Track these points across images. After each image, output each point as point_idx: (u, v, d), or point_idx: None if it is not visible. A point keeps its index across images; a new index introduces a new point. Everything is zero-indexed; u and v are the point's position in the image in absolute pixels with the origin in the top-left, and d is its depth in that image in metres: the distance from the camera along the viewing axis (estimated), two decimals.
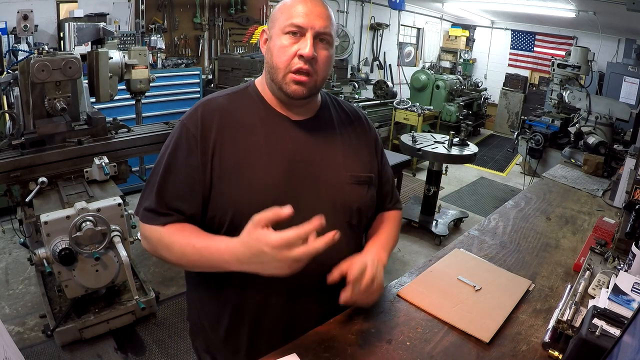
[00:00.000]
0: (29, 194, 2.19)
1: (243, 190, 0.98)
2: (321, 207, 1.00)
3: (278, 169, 1.00)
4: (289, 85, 0.98)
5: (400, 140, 4.07)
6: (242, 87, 1.11)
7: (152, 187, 1.01)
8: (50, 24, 4.03)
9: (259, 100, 1.06)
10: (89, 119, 2.56)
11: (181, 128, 1.02)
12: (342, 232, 1.03)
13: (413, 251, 3.73)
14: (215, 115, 1.01)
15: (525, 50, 8.50)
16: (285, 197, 0.97)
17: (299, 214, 0.97)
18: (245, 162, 0.99)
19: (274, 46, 0.98)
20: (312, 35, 0.95)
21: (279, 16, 0.98)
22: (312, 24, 0.95)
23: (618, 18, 5.42)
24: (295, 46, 0.96)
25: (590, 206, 2.11)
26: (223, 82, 5.05)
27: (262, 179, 0.98)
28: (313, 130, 1.06)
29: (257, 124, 1.03)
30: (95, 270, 2.14)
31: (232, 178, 0.98)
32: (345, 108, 1.17)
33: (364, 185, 1.10)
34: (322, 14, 0.97)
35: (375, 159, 1.17)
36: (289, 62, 0.96)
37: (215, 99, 1.06)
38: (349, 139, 1.12)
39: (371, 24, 7.33)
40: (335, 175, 1.06)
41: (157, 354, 2.35)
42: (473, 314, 1.15)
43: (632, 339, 0.70)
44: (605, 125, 3.98)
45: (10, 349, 0.75)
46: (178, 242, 0.95)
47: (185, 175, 0.98)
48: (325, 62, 0.99)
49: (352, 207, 1.08)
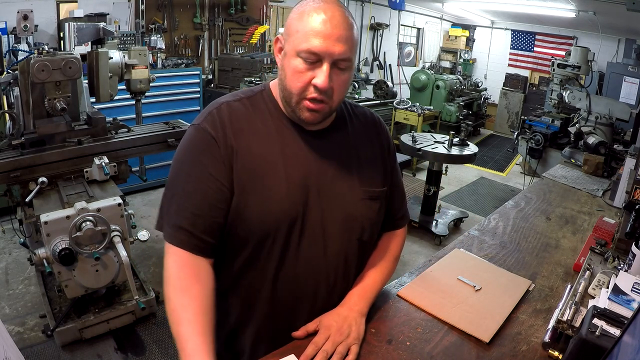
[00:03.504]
0: (29, 194, 2.18)
1: (257, 204, 0.93)
2: (333, 223, 0.99)
3: (293, 184, 0.95)
4: (303, 111, 0.92)
5: (400, 140, 4.07)
6: (256, 91, 1.03)
7: (180, 202, 0.93)
8: (50, 24, 4.04)
9: (274, 107, 1.00)
10: (89, 119, 2.56)
11: (199, 131, 0.95)
12: (352, 248, 1.04)
13: (413, 251, 3.73)
14: (229, 120, 0.95)
15: (525, 50, 8.50)
16: (299, 212, 0.95)
17: (310, 229, 0.97)
18: (260, 173, 0.94)
19: (287, 66, 0.91)
20: (330, 63, 0.87)
21: (294, 30, 0.89)
22: (330, 50, 0.86)
23: (618, 18, 5.42)
24: (310, 73, 0.88)
25: (590, 206, 2.11)
26: (223, 82, 5.05)
27: (277, 193, 0.94)
28: (327, 142, 1.01)
29: (272, 133, 0.97)
30: (95, 270, 2.13)
31: (245, 190, 0.93)
32: (360, 115, 1.11)
33: (376, 200, 1.05)
34: (342, 37, 0.87)
35: (389, 168, 1.11)
36: (303, 90, 0.90)
37: (229, 102, 0.99)
38: (364, 151, 1.06)
39: (371, 24, 7.33)
40: (349, 190, 1.01)
41: (157, 354, 2.35)
42: (473, 314, 1.15)
43: (632, 339, 0.70)
44: (605, 125, 3.98)
45: (10, 349, 0.75)
46: (174, 305, 0.88)
47: (218, 185, 0.92)
48: (341, 86, 0.92)
49: (364, 224, 1.04)
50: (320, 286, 1.02)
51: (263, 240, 0.95)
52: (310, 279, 1.00)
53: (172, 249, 0.92)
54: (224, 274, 1.01)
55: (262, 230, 0.94)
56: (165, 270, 0.92)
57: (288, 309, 1.02)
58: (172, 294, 0.89)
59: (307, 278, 1.00)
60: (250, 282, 1.00)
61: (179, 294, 0.89)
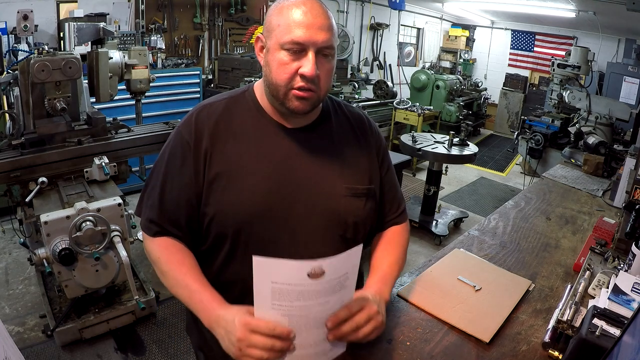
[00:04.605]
0: (29, 194, 2.18)
1: (229, 199, 0.96)
2: (313, 219, 0.99)
3: (265, 178, 0.97)
4: (292, 101, 0.93)
5: (400, 140, 4.07)
6: (239, 92, 1.07)
7: (153, 197, 1.03)
8: (50, 24, 4.03)
9: (255, 106, 1.03)
10: (89, 119, 2.56)
11: (176, 135, 1.02)
12: (335, 245, 1.02)
13: (413, 251, 3.74)
14: (208, 123, 0.99)
15: (525, 50, 8.50)
16: (275, 207, 0.96)
17: (290, 225, 0.98)
18: (233, 171, 0.97)
19: (272, 61, 0.92)
20: (314, 51, 0.89)
21: (275, 25, 0.91)
22: (313, 39, 0.88)
23: (618, 18, 5.42)
24: (295, 63, 0.90)
25: (590, 206, 2.11)
26: (223, 82, 5.05)
27: (248, 188, 0.96)
28: (309, 138, 1.02)
29: (249, 131, 1.00)
30: (95, 270, 2.13)
31: (219, 188, 0.97)
32: (347, 113, 1.12)
33: (361, 197, 1.04)
34: (324, 25, 0.89)
35: (377, 167, 1.11)
36: (290, 80, 0.91)
37: (211, 104, 1.03)
38: (349, 148, 1.06)
39: (371, 24, 7.33)
40: (330, 187, 1.01)
41: (157, 354, 2.35)
42: (473, 314, 1.15)
43: (632, 339, 0.70)
44: (605, 125, 3.98)
45: (10, 349, 0.75)
46: (173, 274, 0.98)
47: (182, 186, 0.99)
48: (327, 74, 0.94)
49: (348, 221, 1.02)
50: None
51: (238, 233, 0.97)
52: None
53: (148, 238, 1.03)
54: (209, 268, 1.03)
55: (235, 224, 0.97)
56: (149, 254, 1.03)
57: None
58: (161, 273, 1.01)
59: None
60: (233, 276, 1.01)
61: (167, 269, 0.99)
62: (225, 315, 0.85)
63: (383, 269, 1.06)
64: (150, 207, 1.03)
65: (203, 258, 1.04)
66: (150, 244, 1.03)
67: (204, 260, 1.04)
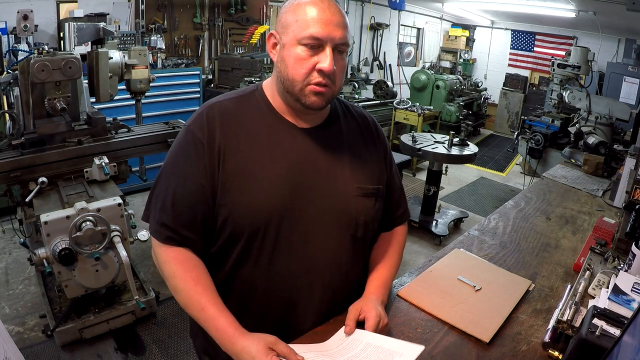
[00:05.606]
0: (29, 194, 2.18)
1: (245, 200, 0.95)
2: (325, 219, 1.00)
3: (281, 179, 0.97)
4: (308, 97, 0.94)
5: (400, 140, 4.07)
6: (249, 91, 1.06)
7: (164, 199, 0.98)
8: (50, 24, 4.03)
9: (266, 106, 1.02)
10: (89, 119, 2.56)
11: (187, 133, 0.99)
12: (345, 244, 1.04)
13: (413, 251, 3.73)
14: (220, 120, 0.98)
15: (525, 50, 8.50)
16: (288, 207, 0.97)
17: (302, 225, 0.98)
18: (248, 171, 0.96)
19: (288, 56, 0.93)
20: (331, 47, 0.91)
21: (292, 21, 0.92)
22: (332, 35, 0.90)
23: (618, 18, 5.42)
24: (313, 59, 0.91)
25: (590, 206, 2.11)
26: (223, 82, 5.05)
27: (265, 189, 0.96)
28: (320, 138, 1.02)
29: (262, 131, 0.99)
30: (95, 270, 2.13)
31: (234, 188, 0.95)
32: (355, 114, 1.13)
33: (371, 197, 1.06)
34: (340, 23, 0.92)
35: (385, 168, 1.13)
36: (307, 75, 0.92)
37: (221, 102, 1.02)
38: (358, 149, 1.08)
39: (371, 24, 7.33)
40: (342, 186, 1.02)
41: (157, 354, 2.35)
42: (473, 314, 1.15)
43: (632, 339, 0.70)
44: (605, 125, 3.98)
45: (10, 349, 0.75)
46: (188, 294, 0.95)
47: (197, 184, 0.96)
48: (341, 71, 0.96)
49: (358, 220, 1.04)
50: (315, 281, 1.02)
51: (253, 235, 0.97)
52: (304, 274, 1.01)
53: (159, 245, 0.98)
54: (219, 271, 1.02)
55: (251, 225, 0.96)
56: (160, 264, 0.99)
57: (283, 304, 1.03)
58: (173, 289, 0.97)
59: (300, 273, 1.01)
60: (244, 278, 1.01)
61: (182, 288, 0.95)
62: (249, 347, 0.86)
63: (384, 273, 1.12)
64: (161, 209, 0.98)
65: (212, 261, 1.02)
66: (164, 255, 0.98)
67: (212, 263, 1.02)
